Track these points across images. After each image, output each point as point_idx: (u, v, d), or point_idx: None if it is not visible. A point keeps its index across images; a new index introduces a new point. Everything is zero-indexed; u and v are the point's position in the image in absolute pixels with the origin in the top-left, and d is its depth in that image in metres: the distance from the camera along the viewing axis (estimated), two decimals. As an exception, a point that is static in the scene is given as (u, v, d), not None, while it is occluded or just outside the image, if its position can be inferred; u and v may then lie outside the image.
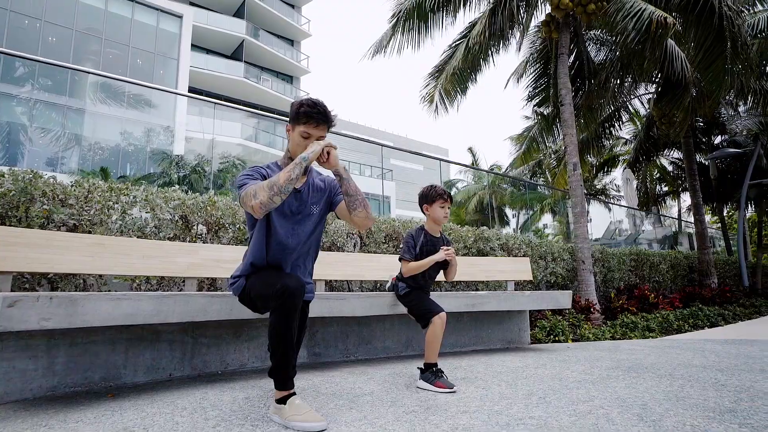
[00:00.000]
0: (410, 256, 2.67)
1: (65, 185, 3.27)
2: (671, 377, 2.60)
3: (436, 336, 2.50)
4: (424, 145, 51.94)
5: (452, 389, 2.29)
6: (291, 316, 1.75)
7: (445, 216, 2.72)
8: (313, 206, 2.04)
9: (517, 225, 20.30)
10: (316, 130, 1.93)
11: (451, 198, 2.75)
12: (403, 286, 2.74)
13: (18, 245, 2.20)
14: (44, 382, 2.18)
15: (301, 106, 1.93)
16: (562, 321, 4.84)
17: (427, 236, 2.75)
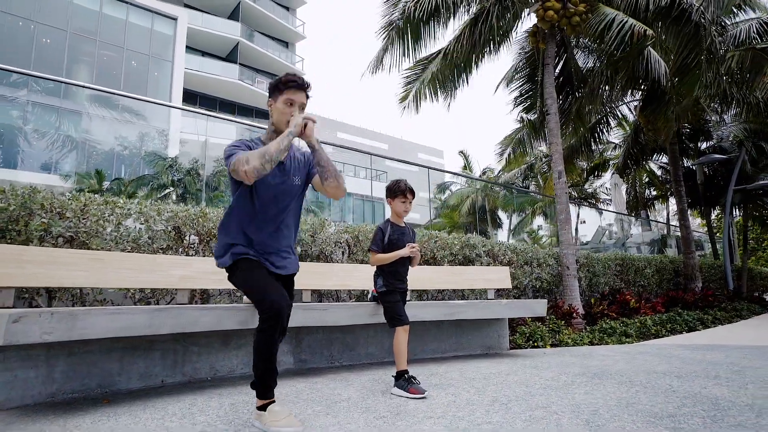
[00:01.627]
0: (377, 247, 2.87)
1: (63, 199, 3.43)
2: (630, 384, 2.80)
3: (401, 345, 2.69)
4: (420, 146, 52.16)
5: (424, 395, 2.47)
6: (274, 333, 1.92)
7: (405, 210, 2.95)
8: (295, 177, 2.20)
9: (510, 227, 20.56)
10: (297, 95, 2.10)
11: (413, 193, 2.93)
12: (380, 284, 2.90)
13: (22, 261, 2.36)
14: (44, 389, 2.35)
15: (281, 78, 2.13)
16: (542, 327, 5.03)
17: (393, 227, 2.95)
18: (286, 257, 2.21)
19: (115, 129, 18.54)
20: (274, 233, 2.15)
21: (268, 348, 1.92)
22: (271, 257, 2.14)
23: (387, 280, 2.88)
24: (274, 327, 1.91)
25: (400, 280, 2.92)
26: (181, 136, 19.96)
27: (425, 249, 5.47)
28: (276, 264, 2.15)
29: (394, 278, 2.89)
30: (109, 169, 17.47)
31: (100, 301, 3.39)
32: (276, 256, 2.16)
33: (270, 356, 1.94)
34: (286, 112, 2.09)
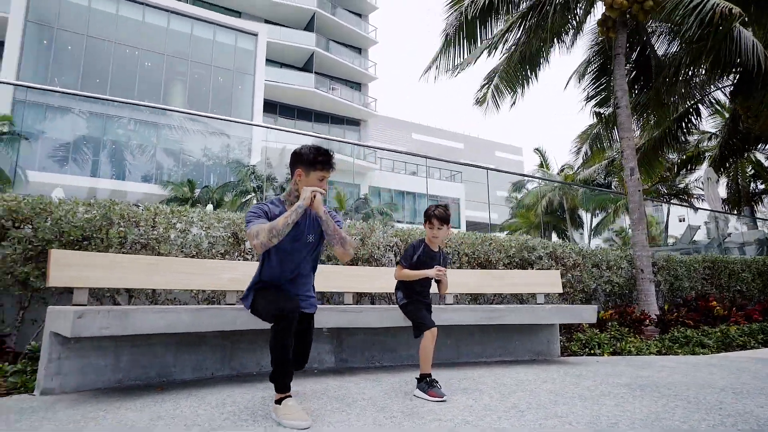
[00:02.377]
0: (406, 263, 2.92)
1: (137, 209, 3.92)
2: (674, 398, 2.62)
3: (426, 349, 2.74)
4: (497, 144, 50.86)
5: (443, 398, 2.52)
6: (285, 336, 2.12)
7: (434, 236, 2.90)
8: (309, 235, 2.42)
9: (590, 226, 19.39)
10: (329, 173, 2.37)
11: (441, 220, 2.87)
12: (401, 296, 2.99)
13: (92, 266, 2.77)
14: (112, 376, 2.73)
15: (316, 155, 2.32)
16: (600, 334, 4.78)
17: (425, 249, 2.95)
18: (306, 299, 2.48)
19: (204, 141, 20.23)
20: (292, 282, 2.43)
21: (280, 348, 2.11)
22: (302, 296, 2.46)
23: (407, 293, 2.97)
24: (285, 329, 2.11)
25: (420, 294, 2.97)
26: (263, 144, 21.26)
27: (479, 252, 5.43)
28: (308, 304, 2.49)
29: (414, 292, 2.96)
30: (200, 178, 19.11)
31: (170, 300, 3.82)
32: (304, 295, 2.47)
33: (282, 356, 2.12)
34: (316, 185, 2.32)
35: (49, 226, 3.43)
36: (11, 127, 15.75)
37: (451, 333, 3.98)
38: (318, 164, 2.32)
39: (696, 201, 16.41)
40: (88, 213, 3.60)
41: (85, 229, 3.54)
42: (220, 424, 2.01)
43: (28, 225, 3.45)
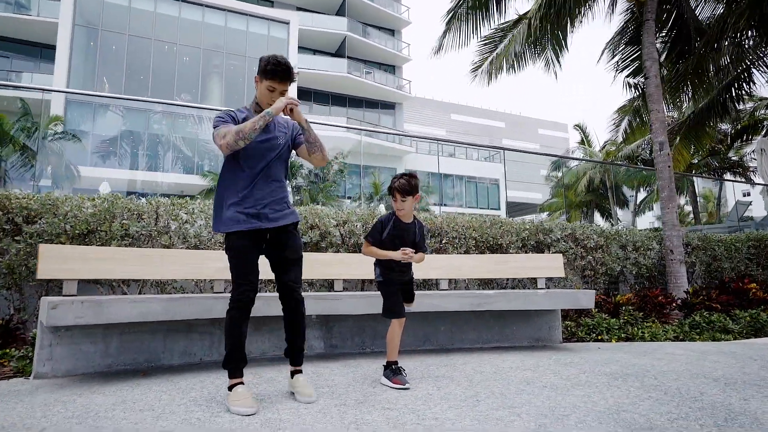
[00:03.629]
0: (372, 239, 2.80)
1: (141, 203, 4.11)
2: (652, 388, 2.49)
3: (393, 337, 2.72)
4: (540, 121, 49.15)
5: (405, 386, 2.51)
6: (242, 322, 2.21)
7: (399, 209, 2.76)
8: (279, 137, 2.43)
9: (635, 204, 18.42)
10: (280, 85, 2.31)
11: (402, 193, 2.73)
12: (377, 273, 2.86)
13: (80, 259, 2.95)
14: (102, 361, 2.91)
15: (268, 64, 2.31)
16: (610, 319, 4.58)
17: (396, 223, 2.80)
18: (279, 210, 2.37)
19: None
20: (265, 186, 2.35)
21: (234, 330, 2.18)
22: (264, 210, 2.33)
23: (383, 271, 2.88)
24: (241, 314, 2.20)
25: (398, 272, 2.90)
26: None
27: (487, 235, 5.31)
28: (269, 216, 2.33)
29: (390, 270, 2.88)
30: (237, 167, 19.62)
31: (176, 289, 4.01)
32: (269, 209, 2.34)
33: (235, 339, 2.18)
34: (267, 96, 2.33)
35: (57, 221, 3.67)
36: (64, 126, 16.79)
37: (446, 319, 3.94)
38: (268, 73, 2.29)
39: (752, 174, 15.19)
40: (91, 208, 3.81)
41: (90, 223, 3.76)
42: (173, 409, 2.11)
43: (39, 220, 3.70)
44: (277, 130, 2.44)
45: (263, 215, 2.32)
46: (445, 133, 42.15)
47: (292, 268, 2.42)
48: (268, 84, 2.30)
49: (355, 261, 3.84)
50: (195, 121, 19.23)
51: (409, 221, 2.87)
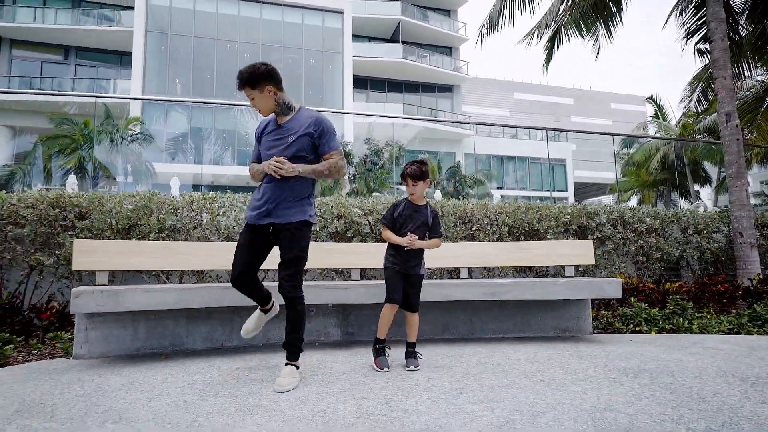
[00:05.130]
0: (386, 220, 2.95)
1: (176, 198, 4.41)
2: (661, 387, 2.31)
3: (383, 317, 2.88)
4: (613, 95, 45.99)
5: (382, 370, 2.66)
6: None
7: (411, 193, 2.93)
8: (290, 135, 2.58)
9: (718, 180, 16.72)
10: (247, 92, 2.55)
11: (414, 177, 2.88)
12: (385, 258, 2.98)
13: (111, 252, 3.23)
14: (131, 345, 3.20)
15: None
16: (651, 309, 4.26)
17: (407, 206, 2.94)
18: (288, 207, 2.56)
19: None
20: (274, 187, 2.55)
21: None
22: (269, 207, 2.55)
23: (387, 257, 2.96)
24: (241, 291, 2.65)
25: (400, 261, 2.91)
26: (354, 120, 21.79)
27: (521, 221, 5.12)
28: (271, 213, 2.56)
29: (393, 257, 2.93)
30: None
31: (214, 278, 4.29)
32: (278, 207, 2.56)
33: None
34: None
35: (103, 217, 4.04)
36: (142, 126, 18.23)
37: (466, 308, 3.88)
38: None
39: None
40: (132, 204, 4.15)
41: (131, 218, 4.10)
42: (169, 391, 2.29)
43: (89, 216, 4.10)
44: (291, 129, 2.59)
45: (269, 213, 2.56)
46: (508, 113, 40.71)
47: (285, 266, 2.56)
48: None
49: (371, 251, 3.87)
50: (253, 115, 20.06)
51: (422, 204, 2.99)
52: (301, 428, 1.79)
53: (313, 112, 2.70)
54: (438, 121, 25.85)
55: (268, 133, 2.68)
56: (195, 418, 1.90)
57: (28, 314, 3.80)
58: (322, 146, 2.62)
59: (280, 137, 2.59)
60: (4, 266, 4.03)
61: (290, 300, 2.54)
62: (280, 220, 2.55)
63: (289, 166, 2.48)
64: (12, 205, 3.98)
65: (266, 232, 2.63)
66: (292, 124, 2.61)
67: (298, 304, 2.56)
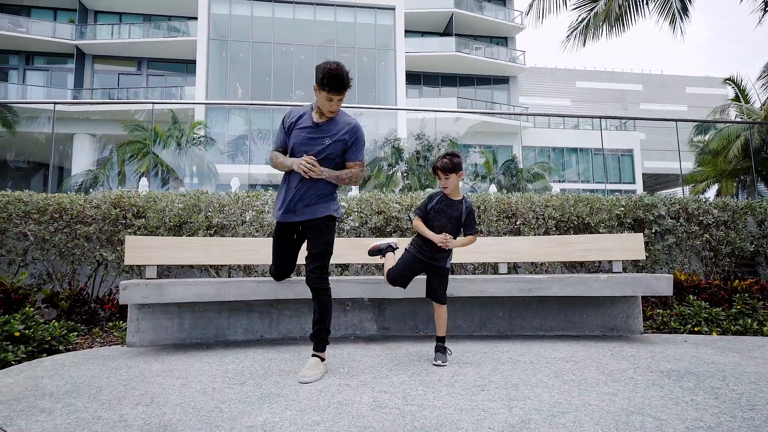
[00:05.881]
0: (419, 212, 2.94)
1: (221, 196, 4.63)
2: (705, 392, 2.12)
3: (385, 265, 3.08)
4: (688, 78, 42.69)
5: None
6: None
7: (444, 186, 2.86)
8: (326, 138, 2.63)
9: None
10: (336, 94, 2.52)
11: (445, 170, 2.82)
12: (413, 241, 2.99)
13: (159, 248, 3.46)
14: (178, 335, 3.40)
15: (324, 77, 2.49)
16: (713, 308, 3.91)
17: (441, 198, 2.89)
18: (312, 204, 2.63)
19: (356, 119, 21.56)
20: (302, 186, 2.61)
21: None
22: (296, 206, 2.63)
23: (413, 243, 2.96)
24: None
25: (426, 251, 2.89)
26: (407, 116, 21.78)
27: (569, 214, 4.89)
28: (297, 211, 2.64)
29: (419, 246, 2.91)
30: (350, 156, 20.56)
31: (260, 272, 4.47)
32: (303, 205, 2.63)
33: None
34: (326, 105, 2.57)
35: (156, 215, 4.33)
36: (206, 129, 19.27)
37: (505, 304, 3.77)
38: (324, 85, 2.48)
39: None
40: (182, 203, 4.41)
41: (182, 216, 4.36)
42: (201, 379, 2.41)
43: (146, 215, 4.40)
44: (327, 131, 2.64)
45: (295, 210, 2.64)
46: (569, 103, 38.94)
47: (312, 259, 2.64)
48: (326, 94, 2.51)
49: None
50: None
51: (457, 198, 2.93)
52: (314, 418, 1.83)
53: (351, 118, 2.75)
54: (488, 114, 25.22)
55: (303, 128, 2.67)
56: (217, 404, 2.00)
57: (94, 305, 4.16)
58: (350, 154, 2.68)
59: (317, 137, 2.63)
60: (75, 261, 4.41)
61: (317, 291, 2.62)
62: (306, 216, 2.64)
63: (318, 169, 2.53)
64: (80, 205, 4.35)
65: (295, 229, 2.75)
66: (330, 126, 2.65)
67: (324, 295, 2.62)
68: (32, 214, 4.30)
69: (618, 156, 27.91)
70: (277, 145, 2.77)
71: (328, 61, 2.56)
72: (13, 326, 3.03)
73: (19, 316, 3.21)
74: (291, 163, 2.61)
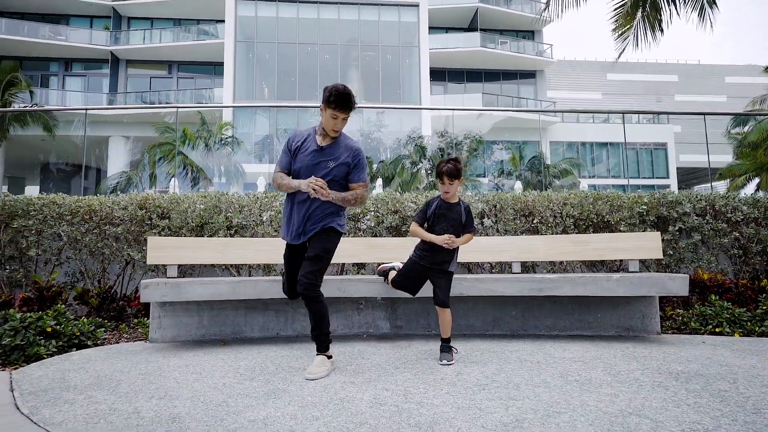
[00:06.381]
0: (418, 219, 2.99)
1: (241, 197, 4.77)
2: (711, 395, 2.09)
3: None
4: (727, 67, 40.95)
5: None
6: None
7: (446, 191, 2.90)
8: (330, 161, 2.69)
9: None
10: (341, 113, 2.60)
11: (448, 175, 2.84)
12: (416, 249, 3.04)
13: (179, 248, 3.61)
14: (197, 331, 3.55)
15: (330, 95, 2.59)
16: (736, 308, 3.79)
17: (440, 203, 2.95)
18: (316, 222, 2.69)
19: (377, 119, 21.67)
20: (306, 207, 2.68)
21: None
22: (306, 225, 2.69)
23: (417, 251, 3.02)
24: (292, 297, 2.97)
25: (429, 257, 2.93)
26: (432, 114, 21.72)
27: (588, 211, 4.82)
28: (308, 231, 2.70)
29: (423, 252, 2.96)
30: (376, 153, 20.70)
31: (279, 272, 4.59)
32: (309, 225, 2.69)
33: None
34: (332, 122, 2.64)
35: (179, 216, 4.50)
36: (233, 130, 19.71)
37: (518, 303, 3.76)
38: (331, 104, 2.56)
39: None
40: (203, 204, 4.57)
41: (203, 217, 4.52)
42: (213, 373, 2.53)
43: (170, 215, 4.58)
44: (330, 155, 2.70)
45: (304, 232, 2.70)
46: (600, 96, 37.93)
47: (307, 263, 2.68)
48: (331, 112, 2.59)
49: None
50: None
51: (454, 202, 2.99)
52: (313, 413, 1.90)
53: (353, 142, 2.82)
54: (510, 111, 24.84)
55: (309, 151, 2.71)
56: (225, 399, 2.10)
57: (121, 302, 4.36)
58: (354, 176, 2.76)
59: (321, 161, 2.68)
60: (105, 260, 4.64)
61: (307, 299, 2.64)
62: (313, 232, 2.71)
63: (327, 192, 2.59)
64: (108, 207, 4.57)
65: (303, 248, 2.79)
66: (333, 150, 2.72)
67: (314, 302, 2.64)
68: (65, 216, 4.54)
69: (651, 150, 27.05)
70: (282, 166, 2.79)
71: (336, 83, 2.67)
72: (46, 322, 3.23)
73: (51, 313, 3.42)
74: (298, 184, 2.64)
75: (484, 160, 22.40)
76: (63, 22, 24.54)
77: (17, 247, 4.55)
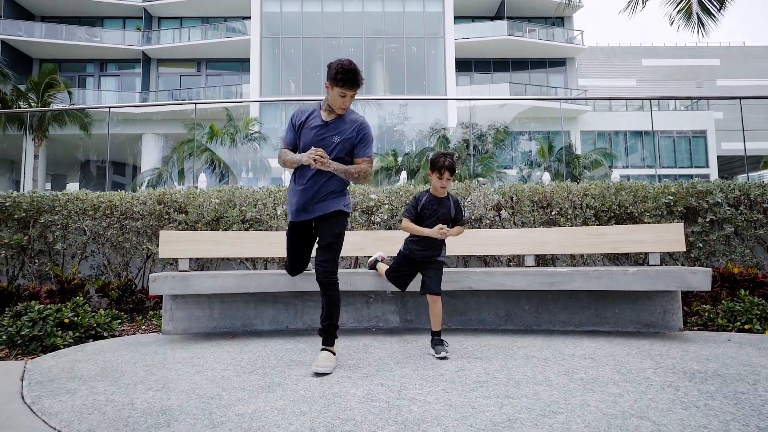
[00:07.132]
0: (409, 214, 2.99)
1: (255, 191, 4.80)
2: (725, 396, 1.96)
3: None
4: (773, 48, 38.65)
5: None
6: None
7: (442, 187, 2.89)
8: (335, 136, 2.67)
9: None
10: (349, 90, 2.55)
11: (449, 170, 2.82)
12: (406, 242, 3.07)
13: (190, 242, 3.66)
14: (208, 324, 3.60)
15: (337, 72, 2.54)
16: (764, 304, 3.55)
17: (430, 198, 2.95)
18: (323, 201, 2.67)
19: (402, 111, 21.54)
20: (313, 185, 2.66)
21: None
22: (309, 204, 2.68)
23: (407, 244, 3.03)
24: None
25: (422, 248, 2.95)
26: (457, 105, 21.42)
27: (610, 202, 4.63)
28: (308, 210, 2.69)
29: (413, 244, 2.98)
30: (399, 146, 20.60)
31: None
32: (313, 204, 2.68)
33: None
34: (339, 100, 2.60)
35: (196, 210, 4.57)
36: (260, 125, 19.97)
37: (531, 297, 3.65)
38: (338, 81, 2.51)
39: None
40: (217, 198, 4.63)
41: (218, 211, 4.58)
42: (214, 366, 2.55)
43: (187, 210, 4.66)
44: (336, 129, 2.67)
45: (306, 209, 2.69)
46: (635, 83, 36.55)
47: (321, 252, 2.69)
48: (339, 90, 2.54)
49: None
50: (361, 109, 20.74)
51: (443, 196, 3.00)
52: (302, 408, 1.88)
53: (358, 116, 2.77)
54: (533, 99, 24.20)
55: (313, 127, 2.70)
56: (220, 392, 2.11)
57: (140, 295, 4.48)
58: (359, 150, 2.71)
59: (326, 135, 2.66)
60: (126, 254, 4.77)
61: (325, 285, 2.65)
62: (317, 213, 2.70)
63: (328, 162, 2.55)
64: (128, 202, 4.69)
65: (307, 227, 2.82)
66: (338, 124, 2.68)
67: (332, 290, 2.65)
68: (88, 211, 4.68)
69: (689, 138, 25.89)
70: (287, 143, 2.80)
71: (340, 59, 2.59)
72: (64, 314, 3.34)
73: (70, 305, 3.53)
74: (300, 157, 2.62)
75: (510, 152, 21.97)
76: (98, 24, 25.40)
77: (45, 242, 4.73)
